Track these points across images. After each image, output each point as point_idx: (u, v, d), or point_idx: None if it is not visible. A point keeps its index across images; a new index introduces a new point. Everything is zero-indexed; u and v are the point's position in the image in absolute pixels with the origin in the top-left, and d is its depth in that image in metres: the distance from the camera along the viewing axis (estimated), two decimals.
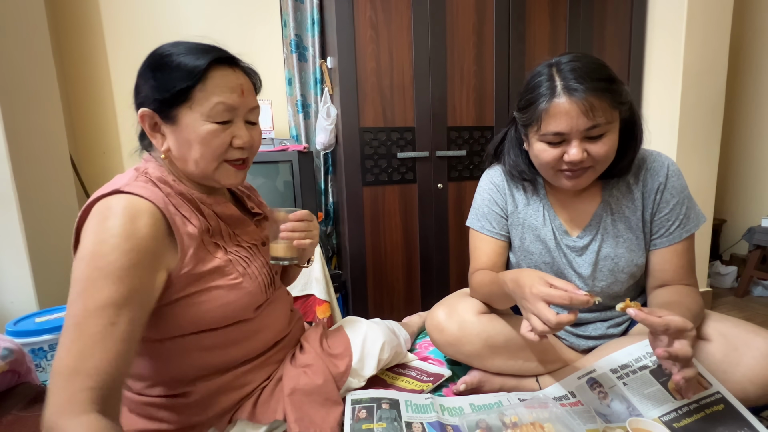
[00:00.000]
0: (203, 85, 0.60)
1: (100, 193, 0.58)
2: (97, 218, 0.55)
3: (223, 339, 0.66)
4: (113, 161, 1.91)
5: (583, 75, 0.70)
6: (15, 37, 1.31)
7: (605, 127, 0.71)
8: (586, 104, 0.69)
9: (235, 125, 0.64)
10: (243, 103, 0.64)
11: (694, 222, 0.82)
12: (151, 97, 0.61)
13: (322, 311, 1.56)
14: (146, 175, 0.62)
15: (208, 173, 0.64)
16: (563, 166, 0.76)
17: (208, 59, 0.60)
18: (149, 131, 0.64)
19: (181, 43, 0.63)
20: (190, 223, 0.62)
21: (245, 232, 0.73)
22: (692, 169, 1.97)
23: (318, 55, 1.95)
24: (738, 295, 2.30)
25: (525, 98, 0.77)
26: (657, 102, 1.99)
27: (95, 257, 0.52)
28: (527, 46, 1.81)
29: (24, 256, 1.27)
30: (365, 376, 0.81)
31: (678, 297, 0.76)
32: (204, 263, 0.62)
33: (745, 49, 2.54)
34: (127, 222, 0.54)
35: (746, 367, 0.68)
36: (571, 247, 0.86)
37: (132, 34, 1.83)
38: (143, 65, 0.64)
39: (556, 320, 0.59)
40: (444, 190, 1.79)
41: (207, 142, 0.61)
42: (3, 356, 0.76)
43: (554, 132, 0.73)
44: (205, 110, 0.60)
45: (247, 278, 0.67)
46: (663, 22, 1.93)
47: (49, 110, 1.46)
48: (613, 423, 0.71)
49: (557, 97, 0.71)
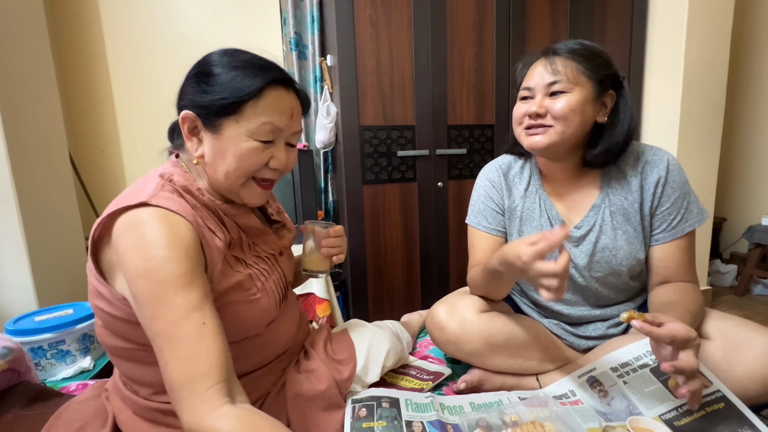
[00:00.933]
0: (256, 102, 0.59)
1: (125, 203, 0.55)
2: (133, 234, 0.53)
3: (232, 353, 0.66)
4: (112, 160, 1.90)
5: (566, 44, 0.79)
6: (14, 37, 1.30)
7: (565, 85, 0.76)
8: (556, 62, 0.77)
9: (275, 146, 0.63)
10: (289, 127, 0.63)
11: (697, 217, 0.81)
12: (199, 101, 0.60)
13: (321, 310, 1.56)
14: (171, 183, 0.61)
15: (234, 188, 0.64)
16: (526, 120, 0.81)
17: (267, 79, 0.59)
18: (187, 134, 0.62)
19: (239, 52, 0.62)
20: (217, 237, 0.60)
21: (264, 242, 0.72)
22: (693, 167, 1.96)
23: (318, 53, 1.94)
24: (738, 293, 2.30)
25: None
26: (657, 100, 1.99)
27: (152, 273, 0.51)
28: (528, 44, 1.80)
29: (24, 254, 1.27)
30: (368, 382, 0.81)
31: (678, 296, 0.76)
32: (227, 279, 0.61)
33: (746, 47, 2.53)
34: (169, 232, 0.53)
35: (747, 366, 0.68)
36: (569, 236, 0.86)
37: (131, 33, 1.82)
38: (196, 69, 0.63)
39: (559, 266, 0.60)
40: (444, 188, 1.79)
41: (245, 159, 0.61)
42: (2, 355, 0.76)
43: (525, 86, 0.82)
44: (251, 127, 0.60)
45: (264, 294, 0.66)
46: (664, 20, 1.92)
47: (49, 109, 1.46)
48: (613, 422, 0.71)
49: (537, 59, 0.82)
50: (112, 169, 1.91)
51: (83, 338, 1.07)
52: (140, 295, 0.52)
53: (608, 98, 0.80)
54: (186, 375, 0.49)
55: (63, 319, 1.04)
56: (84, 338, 1.07)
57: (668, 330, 0.59)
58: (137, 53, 1.83)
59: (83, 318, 1.06)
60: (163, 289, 0.51)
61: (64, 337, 1.03)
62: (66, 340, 1.03)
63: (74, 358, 1.05)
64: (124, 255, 0.53)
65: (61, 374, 1.02)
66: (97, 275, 0.58)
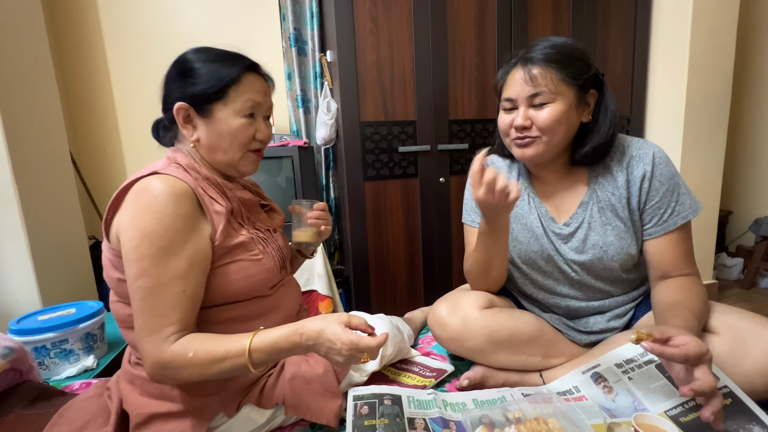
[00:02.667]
0: (237, 86, 0.70)
1: (138, 175, 0.65)
2: (145, 197, 0.61)
3: (241, 312, 0.71)
4: (114, 159, 1.90)
5: (542, 49, 0.77)
6: (13, 36, 1.30)
7: (548, 96, 0.76)
8: (533, 73, 0.76)
9: (257, 121, 0.74)
10: (265, 102, 0.74)
11: (690, 209, 0.80)
12: (189, 92, 0.69)
13: (324, 307, 1.56)
14: (176, 163, 0.70)
15: (234, 161, 0.73)
16: (513, 133, 0.81)
17: (243, 65, 0.70)
18: (182, 123, 0.71)
19: (210, 49, 0.72)
20: (218, 203, 0.69)
21: (259, 219, 0.79)
22: (698, 160, 1.94)
23: (317, 48, 1.93)
24: (744, 287, 2.28)
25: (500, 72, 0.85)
26: (663, 92, 1.96)
27: (156, 236, 0.60)
28: (530, 37, 1.78)
29: (26, 254, 1.27)
30: (368, 370, 0.82)
31: (680, 295, 0.74)
32: (232, 238, 0.69)
33: (752, 39, 2.49)
34: (175, 202, 0.62)
35: (755, 360, 0.67)
36: (558, 234, 0.86)
37: (130, 31, 1.82)
38: (176, 68, 0.72)
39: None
40: (446, 184, 1.78)
41: (237, 134, 0.71)
42: (4, 355, 0.76)
43: (506, 98, 0.81)
44: (237, 107, 0.70)
45: (266, 256, 0.73)
46: (668, 12, 1.89)
47: (49, 109, 1.46)
48: (618, 418, 0.70)
49: (514, 67, 0.80)
50: (114, 168, 1.91)
51: (86, 337, 1.07)
52: (141, 252, 0.60)
53: (590, 97, 0.80)
54: (156, 324, 0.60)
55: (66, 319, 1.04)
56: (87, 337, 1.07)
57: (680, 350, 0.57)
58: (137, 51, 1.82)
59: (86, 317, 1.07)
60: (161, 254, 0.60)
61: (68, 336, 1.03)
62: (69, 339, 1.03)
63: (77, 357, 1.05)
64: (136, 214, 0.61)
65: (65, 373, 1.02)
66: (109, 246, 0.66)
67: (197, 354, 0.59)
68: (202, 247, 0.64)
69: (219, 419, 0.70)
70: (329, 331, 0.59)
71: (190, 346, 0.59)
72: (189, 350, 0.59)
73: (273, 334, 0.61)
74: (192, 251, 0.63)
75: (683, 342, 0.58)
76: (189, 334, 0.62)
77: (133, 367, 0.70)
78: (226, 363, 0.59)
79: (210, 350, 0.59)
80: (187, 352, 0.59)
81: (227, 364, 0.59)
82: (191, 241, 0.63)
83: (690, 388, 0.57)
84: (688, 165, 1.93)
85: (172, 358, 0.59)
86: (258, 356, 0.60)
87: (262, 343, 0.60)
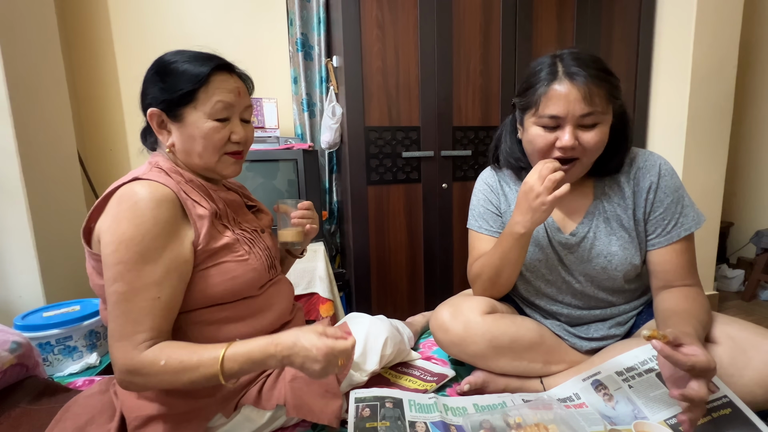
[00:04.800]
0: (206, 88, 0.68)
1: (120, 182, 0.64)
2: (126, 203, 0.61)
3: (231, 313, 0.70)
4: (120, 158, 1.92)
5: (584, 63, 0.73)
6: (25, 36, 1.32)
7: (599, 116, 0.73)
8: (585, 89, 0.71)
9: (232, 123, 0.72)
10: (239, 103, 0.72)
11: (693, 221, 0.81)
12: (160, 98, 0.68)
13: (325, 310, 1.56)
14: (158, 167, 0.69)
15: (210, 165, 0.72)
16: (555, 153, 0.77)
17: (210, 66, 0.68)
18: (156, 128, 0.70)
19: (184, 51, 0.71)
20: (200, 206, 0.68)
21: (245, 220, 0.79)
22: (700, 170, 1.95)
23: (324, 53, 1.95)
24: (745, 298, 2.28)
25: (526, 82, 0.79)
26: (665, 102, 1.98)
27: (133, 242, 0.59)
28: (534, 45, 1.80)
29: (32, 251, 1.28)
30: (368, 370, 0.82)
31: (686, 304, 0.75)
32: (215, 240, 0.68)
33: (755, 49, 2.51)
34: (154, 207, 0.61)
35: (754, 371, 0.67)
36: (564, 243, 0.86)
37: (140, 33, 1.84)
38: (150, 70, 0.71)
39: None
40: (449, 189, 1.79)
41: (209, 137, 0.69)
42: (11, 349, 0.77)
43: (550, 115, 0.74)
44: (207, 109, 0.68)
45: (252, 256, 0.72)
46: (671, 21, 1.91)
47: (58, 108, 1.47)
48: (618, 425, 0.71)
49: (557, 81, 0.73)
50: (120, 168, 1.93)
51: (90, 334, 1.08)
52: (116, 256, 0.59)
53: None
54: (128, 331, 0.59)
55: (70, 316, 1.05)
56: (91, 334, 1.08)
57: (689, 359, 0.58)
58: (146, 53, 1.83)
59: (90, 314, 1.08)
60: (137, 259, 0.59)
61: (71, 333, 1.04)
62: (73, 336, 1.04)
63: (81, 354, 1.06)
64: (116, 219, 0.61)
65: (68, 370, 1.03)
66: (91, 252, 0.66)
67: (169, 362, 0.57)
68: (181, 254, 0.63)
69: (218, 419, 0.70)
70: (305, 339, 0.58)
71: (162, 354, 0.58)
72: (161, 358, 0.58)
73: (248, 345, 0.59)
74: (170, 258, 0.62)
75: (693, 352, 0.58)
76: (162, 341, 0.61)
77: None
78: (197, 372, 0.57)
79: (183, 359, 0.58)
80: (159, 359, 0.58)
81: (198, 374, 0.58)
82: (169, 247, 0.62)
83: (681, 392, 0.58)
84: (689, 176, 1.94)
85: (143, 365, 0.58)
86: (230, 366, 0.58)
87: (236, 354, 0.58)
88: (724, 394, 0.66)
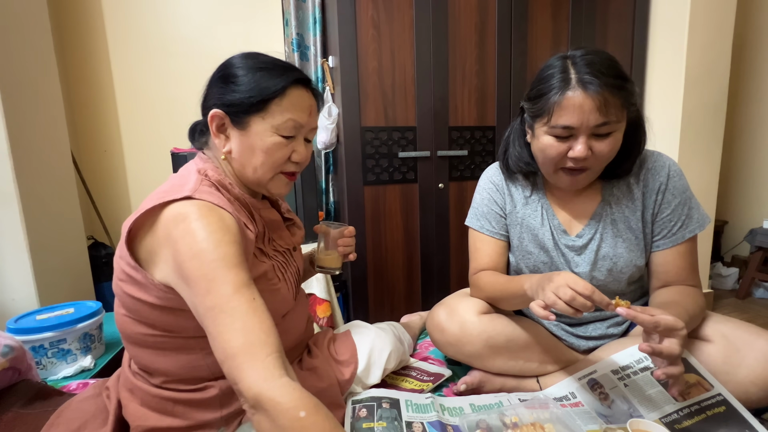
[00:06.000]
0: (280, 100, 0.64)
1: (169, 197, 0.58)
2: (184, 223, 0.55)
3: None
4: (114, 160, 1.91)
5: (599, 69, 0.69)
6: (17, 35, 1.31)
7: (614, 126, 0.71)
8: (600, 99, 0.68)
9: (296, 141, 0.68)
10: (308, 123, 0.68)
11: (697, 223, 0.81)
12: (227, 100, 0.64)
13: (322, 310, 1.56)
14: (207, 178, 0.64)
15: (263, 181, 0.68)
16: (567, 163, 0.75)
17: (290, 79, 0.64)
18: (215, 131, 0.66)
19: (260, 55, 0.68)
20: (248, 229, 0.64)
21: (280, 237, 0.76)
22: (694, 170, 1.96)
23: (320, 54, 1.95)
24: (739, 296, 2.29)
25: (537, 88, 0.75)
26: (659, 103, 1.99)
27: (205, 253, 0.54)
28: (529, 45, 1.80)
29: (25, 253, 1.27)
30: (369, 384, 0.82)
31: (677, 297, 0.76)
32: (255, 269, 0.64)
33: (748, 50, 2.53)
34: (218, 219, 0.57)
35: (748, 369, 0.67)
36: (570, 246, 0.86)
37: (134, 32, 1.83)
38: (220, 71, 0.67)
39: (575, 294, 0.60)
40: (445, 190, 1.79)
41: (271, 153, 0.65)
42: (3, 353, 0.76)
43: (564, 125, 0.71)
44: (276, 123, 0.64)
45: (284, 284, 0.69)
46: (665, 23, 1.92)
47: (51, 108, 1.46)
48: (614, 424, 0.71)
49: (571, 90, 0.69)
50: (114, 169, 1.91)
51: (84, 337, 1.07)
52: (193, 274, 0.54)
53: None
54: (244, 343, 0.51)
55: (64, 318, 1.04)
56: (85, 337, 1.07)
57: (653, 318, 0.59)
58: (140, 53, 1.84)
59: (84, 317, 1.07)
60: (217, 266, 0.54)
61: (65, 336, 1.03)
62: (67, 339, 1.03)
63: (75, 357, 1.05)
64: (175, 241, 0.55)
65: (62, 373, 1.02)
66: (132, 262, 0.60)
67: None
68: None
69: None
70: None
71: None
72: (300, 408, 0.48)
73: None
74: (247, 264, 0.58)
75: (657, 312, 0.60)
76: (287, 371, 0.52)
77: (133, 376, 0.69)
78: None
79: None
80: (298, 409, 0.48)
81: None
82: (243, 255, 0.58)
83: (649, 344, 0.59)
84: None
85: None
86: None
87: None
88: (718, 393, 0.66)
